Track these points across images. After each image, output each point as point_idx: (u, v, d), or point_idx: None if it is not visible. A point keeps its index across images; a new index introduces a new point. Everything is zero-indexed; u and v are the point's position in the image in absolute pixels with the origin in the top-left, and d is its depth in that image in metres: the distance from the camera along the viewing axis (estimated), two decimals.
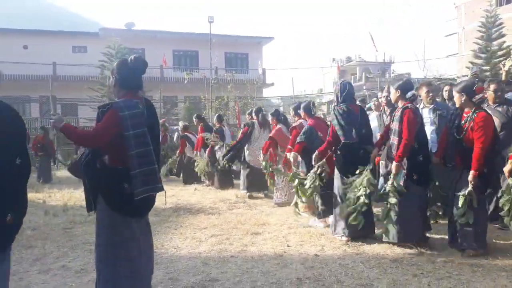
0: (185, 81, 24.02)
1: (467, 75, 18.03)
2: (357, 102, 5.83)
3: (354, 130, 4.84)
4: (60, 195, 9.10)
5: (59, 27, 29.95)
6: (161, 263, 4.17)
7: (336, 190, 4.96)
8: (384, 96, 6.39)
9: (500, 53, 19.68)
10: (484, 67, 19.53)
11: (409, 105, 4.49)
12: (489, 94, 5.27)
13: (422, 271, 3.78)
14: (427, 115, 5.63)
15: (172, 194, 8.51)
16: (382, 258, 4.18)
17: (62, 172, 13.42)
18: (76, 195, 8.55)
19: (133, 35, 27.99)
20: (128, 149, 2.74)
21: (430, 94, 5.73)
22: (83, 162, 2.90)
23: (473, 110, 4.18)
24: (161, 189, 2.94)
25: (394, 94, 4.66)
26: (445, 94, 6.26)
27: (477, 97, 4.17)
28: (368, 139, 5.09)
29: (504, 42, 20.12)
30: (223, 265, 4.09)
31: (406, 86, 4.60)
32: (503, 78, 6.27)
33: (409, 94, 4.56)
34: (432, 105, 5.75)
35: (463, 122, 4.24)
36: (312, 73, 73.75)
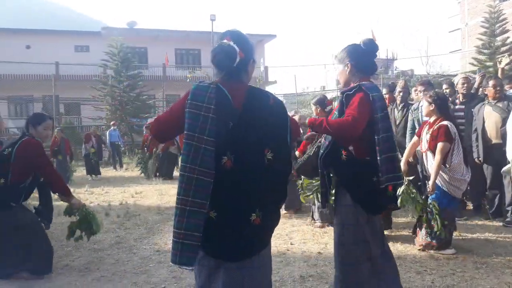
0: (188, 80, 24.01)
1: (470, 72, 17.99)
2: None
3: None
4: None
5: (61, 26, 29.93)
6: (164, 261, 4.19)
7: None
8: (399, 92, 6.28)
9: (503, 48, 19.56)
10: (488, 63, 19.44)
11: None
12: (489, 90, 5.29)
13: (425, 269, 3.78)
14: None
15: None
16: None
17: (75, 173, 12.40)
18: (81, 195, 8.57)
19: (135, 34, 27.94)
20: (376, 132, 2.56)
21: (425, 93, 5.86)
22: (323, 155, 2.68)
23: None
24: (402, 178, 2.77)
25: (315, 110, 5.21)
26: (446, 92, 6.23)
27: (328, 108, 5.01)
28: None
29: (508, 37, 19.99)
30: None
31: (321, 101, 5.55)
32: (499, 75, 6.25)
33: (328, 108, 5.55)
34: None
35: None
36: (314, 71, 73.73)
